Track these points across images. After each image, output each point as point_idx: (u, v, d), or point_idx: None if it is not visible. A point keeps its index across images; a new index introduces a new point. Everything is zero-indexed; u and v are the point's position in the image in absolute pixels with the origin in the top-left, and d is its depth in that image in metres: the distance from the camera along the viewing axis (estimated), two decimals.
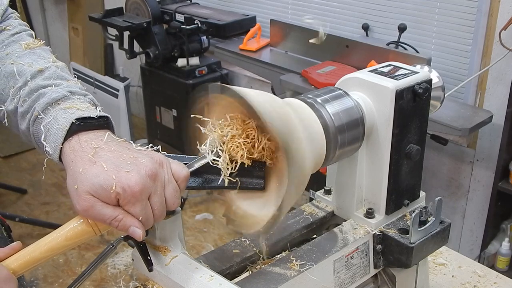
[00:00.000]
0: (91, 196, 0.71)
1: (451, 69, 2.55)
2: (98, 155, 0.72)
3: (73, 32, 4.66)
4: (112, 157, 0.72)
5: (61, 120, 0.77)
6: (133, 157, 0.73)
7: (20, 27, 0.96)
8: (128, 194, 0.70)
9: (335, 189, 1.01)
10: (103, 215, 0.71)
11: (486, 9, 2.37)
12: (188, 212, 3.32)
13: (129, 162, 0.72)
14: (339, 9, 2.97)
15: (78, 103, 0.81)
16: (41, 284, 2.77)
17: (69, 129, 0.76)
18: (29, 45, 0.91)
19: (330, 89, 0.91)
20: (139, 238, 0.74)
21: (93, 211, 0.71)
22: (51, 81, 0.83)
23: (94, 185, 0.70)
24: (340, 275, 0.91)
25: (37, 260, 0.74)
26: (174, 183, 0.75)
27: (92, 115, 0.78)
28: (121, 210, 0.72)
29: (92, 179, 0.70)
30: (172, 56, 3.24)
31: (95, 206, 0.71)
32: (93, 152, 0.73)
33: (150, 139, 3.70)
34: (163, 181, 0.74)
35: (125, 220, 0.72)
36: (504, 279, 1.27)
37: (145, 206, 0.72)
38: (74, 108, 0.79)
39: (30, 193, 3.63)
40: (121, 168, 0.71)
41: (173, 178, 0.75)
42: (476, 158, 2.58)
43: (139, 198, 0.71)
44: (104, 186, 0.70)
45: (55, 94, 0.81)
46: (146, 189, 0.71)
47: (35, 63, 0.86)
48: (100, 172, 0.70)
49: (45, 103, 0.80)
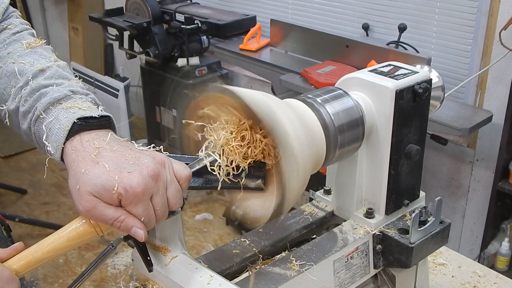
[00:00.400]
0: (93, 196, 0.71)
1: (451, 69, 2.55)
2: (100, 155, 0.72)
3: (73, 32, 4.66)
4: (114, 157, 0.72)
5: (62, 120, 0.77)
6: (135, 157, 0.73)
7: (21, 26, 0.96)
8: (130, 194, 0.70)
9: (335, 189, 1.01)
10: (105, 216, 0.71)
11: (486, 9, 2.37)
12: (188, 212, 3.32)
13: (131, 163, 0.72)
14: (339, 9, 2.97)
15: (80, 103, 0.80)
16: (41, 284, 2.77)
17: (71, 128, 0.76)
18: (30, 44, 0.91)
19: (330, 89, 0.91)
20: (141, 239, 0.73)
21: (95, 211, 0.71)
22: (53, 80, 0.83)
23: (96, 186, 0.70)
24: (340, 275, 0.91)
25: (39, 261, 0.74)
26: (176, 183, 0.75)
27: (94, 114, 0.78)
28: (123, 211, 0.72)
29: (94, 180, 0.70)
30: (172, 56, 3.24)
31: (97, 207, 0.71)
32: (96, 152, 0.72)
33: (150, 139, 3.70)
34: (165, 182, 0.74)
35: (127, 221, 0.72)
36: (504, 279, 1.27)
37: (147, 207, 0.72)
38: (76, 108, 0.79)
39: (30, 193, 3.63)
40: (123, 169, 0.71)
41: (175, 178, 0.75)
42: (476, 158, 2.58)
43: (141, 198, 0.71)
44: (106, 186, 0.70)
45: (56, 93, 0.80)
46: (148, 190, 0.71)
47: (36, 62, 0.86)
48: (102, 173, 0.70)
49: (47, 102, 0.79)
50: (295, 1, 3.17)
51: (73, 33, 4.66)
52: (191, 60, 3.20)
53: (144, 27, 3.16)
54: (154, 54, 3.18)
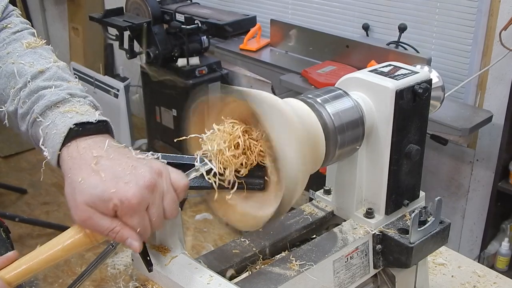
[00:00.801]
0: (89, 207, 0.70)
1: (451, 69, 2.55)
2: (98, 164, 0.71)
3: (73, 32, 4.66)
4: (111, 166, 0.71)
5: (59, 125, 0.76)
6: (132, 166, 0.72)
7: (21, 25, 0.95)
8: (126, 206, 0.69)
9: (335, 189, 1.01)
10: (100, 227, 0.70)
11: (486, 9, 2.37)
12: (188, 212, 3.31)
13: (128, 172, 0.71)
14: (339, 9, 2.97)
15: (77, 106, 0.79)
16: (41, 284, 2.77)
17: (67, 134, 0.75)
18: (30, 44, 0.90)
19: (330, 89, 0.91)
20: (136, 250, 0.73)
21: (90, 222, 0.70)
22: (52, 82, 0.82)
23: (92, 196, 0.69)
24: (339, 275, 0.91)
25: (33, 271, 0.72)
26: (173, 193, 0.74)
27: (91, 119, 0.77)
28: (119, 222, 0.71)
29: (90, 190, 0.69)
30: (172, 56, 3.24)
31: (93, 217, 0.70)
32: (95, 162, 0.71)
33: (150, 139, 3.70)
34: (162, 192, 0.73)
35: (122, 232, 0.71)
36: (504, 279, 1.27)
37: (143, 218, 0.71)
38: (73, 112, 0.78)
39: (30, 193, 3.63)
40: (119, 179, 0.70)
41: (172, 187, 0.74)
42: (476, 158, 2.58)
43: (137, 210, 0.70)
44: (102, 197, 0.69)
45: (54, 96, 0.79)
46: (144, 201, 0.70)
47: (36, 62, 0.85)
48: (98, 183, 0.69)
49: (44, 105, 0.79)
50: (295, 1, 3.17)
51: (73, 33, 4.66)
52: (191, 60, 3.20)
53: (144, 27, 3.17)
54: (154, 54, 3.18)
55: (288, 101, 0.86)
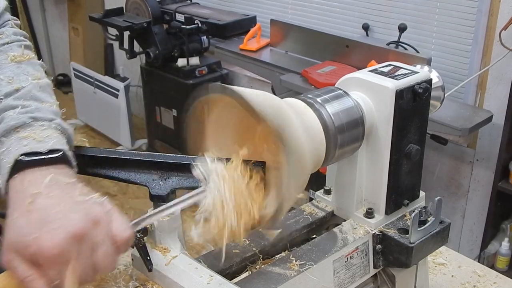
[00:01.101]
0: (12, 249, 0.64)
1: (451, 69, 2.55)
2: (33, 203, 0.65)
3: (73, 32, 4.66)
4: (46, 206, 0.65)
5: (11, 153, 0.71)
6: (67, 209, 0.65)
7: (13, 37, 0.91)
8: (44, 256, 0.62)
9: (335, 189, 1.01)
10: (17, 272, 0.64)
11: (486, 9, 2.37)
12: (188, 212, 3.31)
13: (59, 216, 0.64)
14: (339, 9, 2.97)
15: (37, 132, 0.74)
16: None
17: (14, 165, 0.70)
18: (16, 57, 0.86)
19: (330, 89, 0.91)
20: None
21: (10, 265, 0.64)
22: (21, 101, 0.78)
23: (16, 238, 0.64)
24: (339, 275, 0.91)
25: None
26: (109, 245, 0.66)
27: (42, 149, 0.71)
28: (34, 271, 0.63)
29: (16, 231, 0.64)
30: (172, 56, 3.24)
31: (13, 261, 0.64)
32: (30, 200, 0.65)
33: (150, 139, 3.70)
34: (93, 243, 0.65)
35: (34, 284, 0.63)
36: (504, 279, 1.27)
37: (62, 271, 0.64)
38: (31, 138, 0.73)
39: None
40: (48, 223, 0.63)
41: (110, 239, 0.67)
42: (476, 158, 2.58)
43: (56, 261, 0.63)
44: (23, 242, 0.63)
45: (14, 121, 0.75)
46: (65, 253, 0.63)
47: (16, 78, 0.82)
48: (24, 225, 0.64)
49: (3, 129, 0.74)
50: (295, 1, 3.17)
51: (73, 33, 4.66)
52: (191, 60, 3.20)
53: (144, 27, 3.17)
54: (154, 54, 3.18)
55: (288, 101, 0.86)
